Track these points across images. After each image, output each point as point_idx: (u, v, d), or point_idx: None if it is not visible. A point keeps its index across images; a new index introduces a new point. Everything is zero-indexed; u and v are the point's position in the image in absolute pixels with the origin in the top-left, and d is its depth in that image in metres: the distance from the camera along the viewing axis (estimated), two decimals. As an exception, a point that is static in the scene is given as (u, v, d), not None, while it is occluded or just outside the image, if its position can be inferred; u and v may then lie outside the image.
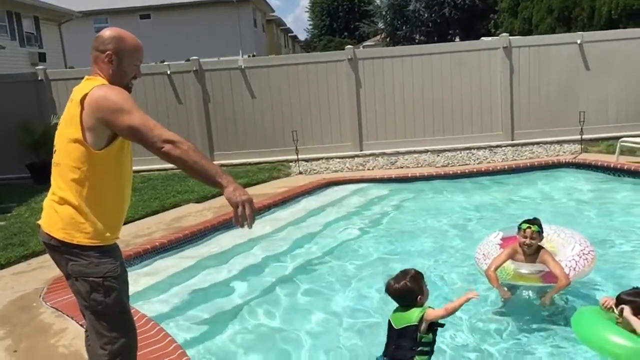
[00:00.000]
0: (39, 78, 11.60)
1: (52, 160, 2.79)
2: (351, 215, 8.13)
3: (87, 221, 2.71)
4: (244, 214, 2.53)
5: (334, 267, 6.16)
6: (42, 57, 21.02)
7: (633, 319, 3.48)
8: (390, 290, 3.45)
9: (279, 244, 6.91)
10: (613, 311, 3.72)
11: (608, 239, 6.25)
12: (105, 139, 2.68)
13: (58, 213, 2.74)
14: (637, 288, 3.68)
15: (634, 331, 3.49)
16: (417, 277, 3.44)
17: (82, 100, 2.63)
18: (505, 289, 4.66)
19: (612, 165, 9.00)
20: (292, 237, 7.18)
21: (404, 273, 3.48)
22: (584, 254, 4.93)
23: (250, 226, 2.56)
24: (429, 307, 3.38)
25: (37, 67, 12.39)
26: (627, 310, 3.53)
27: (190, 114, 11.48)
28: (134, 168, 2.98)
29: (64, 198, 2.72)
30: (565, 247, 5.02)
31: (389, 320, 3.46)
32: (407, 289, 3.38)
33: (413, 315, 3.32)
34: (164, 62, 11.66)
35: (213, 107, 11.55)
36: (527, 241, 4.62)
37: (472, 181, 9.54)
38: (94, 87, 2.65)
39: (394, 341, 3.39)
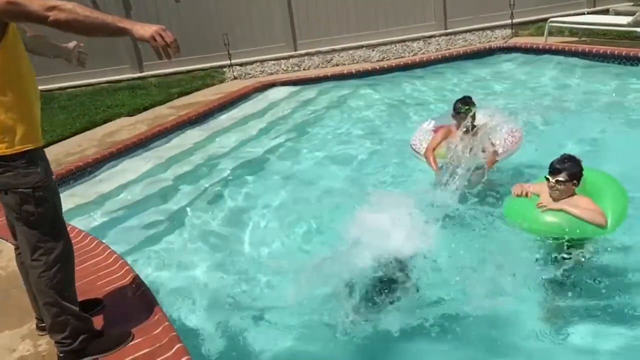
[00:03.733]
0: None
1: None
2: (289, 116, 8.07)
3: (1, 129, 2.58)
4: (164, 42, 2.45)
5: (275, 166, 6.20)
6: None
7: (558, 206, 3.62)
8: None
9: (218, 150, 6.84)
10: (527, 195, 3.88)
11: (539, 118, 6.42)
12: None
13: None
14: (565, 154, 3.77)
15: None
16: None
17: None
18: (442, 169, 4.80)
19: (541, 47, 9.15)
20: (231, 142, 7.11)
21: None
22: (511, 132, 5.12)
23: (177, 50, 2.49)
24: None
25: None
26: (554, 203, 3.66)
27: (112, 24, 10.79)
28: (58, 85, 2.80)
29: None
30: (495, 128, 5.18)
31: None
32: None
33: None
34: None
35: (136, 16, 10.87)
36: (471, 121, 4.77)
37: (408, 74, 9.52)
38: None
39: None
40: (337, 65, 10.60)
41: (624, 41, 8.75)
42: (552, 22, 9.34)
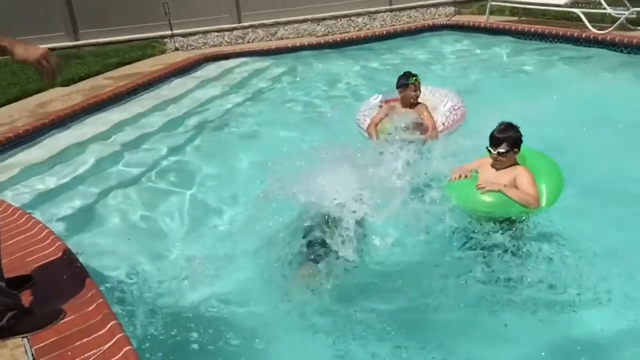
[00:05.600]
0: None
1: None
2: (232, 89, 7.92)
3: None
4: (50, 67, 2.46)
5: (216, 140, 6.10)
6: None
7: (496, 187, 3.68)
8: None
9: (157, 123, 6.63)
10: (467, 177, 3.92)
11: (478, 93, 6.55)
12: None
13: None
14: (503, 123, 3.82)
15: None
16: None
17: None
18: (385, 143, 4.82)
19: (482, 25, 9.34)
20: (172, 114, 6.91)
21: None
22: (454, 109, 5.19)
23: (59, 73, 2.55)
24: None
25: None
26: (491, 184, 3.71)
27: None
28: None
29: None
30: (438, 105, 5.25)
31: None
32: None
33: None
34: None
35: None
36: (418, 92, 4.80)
37: (353, 49, 9.53)
38: None
39: None
40: (282, 38, 10.49)
41: (561, 21, 9.01)
42: (493, 1, 9.51)
